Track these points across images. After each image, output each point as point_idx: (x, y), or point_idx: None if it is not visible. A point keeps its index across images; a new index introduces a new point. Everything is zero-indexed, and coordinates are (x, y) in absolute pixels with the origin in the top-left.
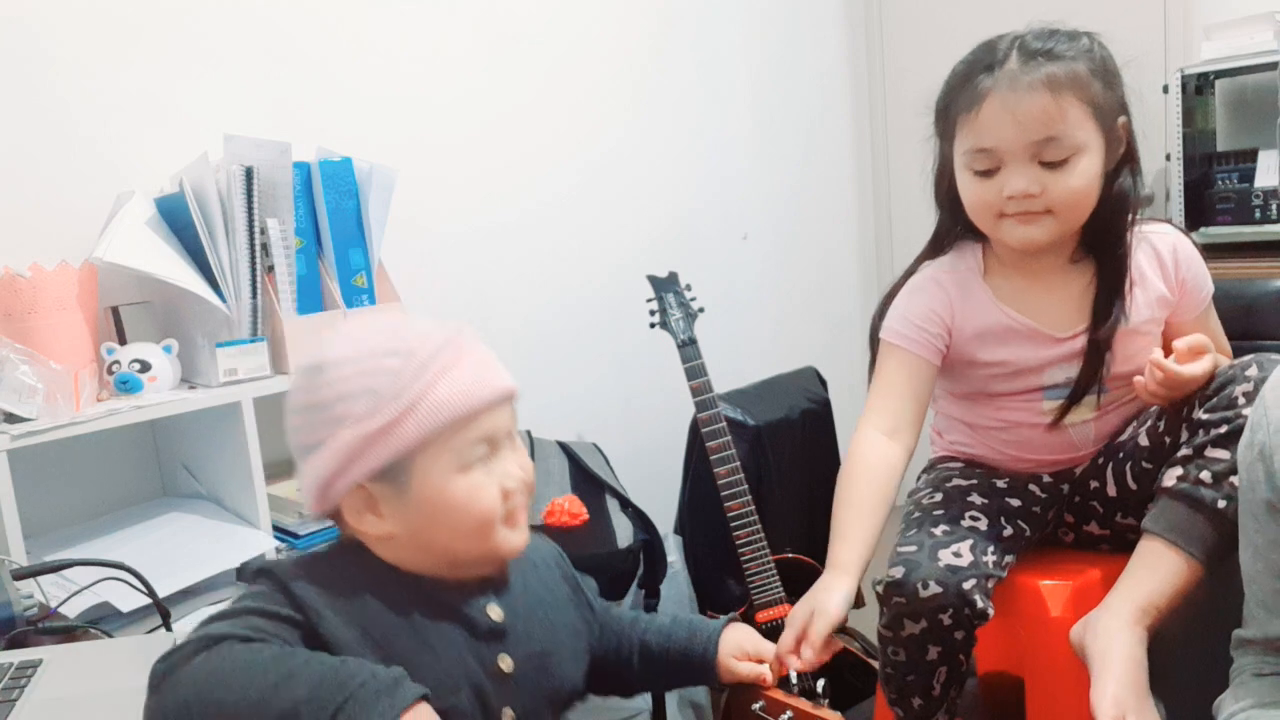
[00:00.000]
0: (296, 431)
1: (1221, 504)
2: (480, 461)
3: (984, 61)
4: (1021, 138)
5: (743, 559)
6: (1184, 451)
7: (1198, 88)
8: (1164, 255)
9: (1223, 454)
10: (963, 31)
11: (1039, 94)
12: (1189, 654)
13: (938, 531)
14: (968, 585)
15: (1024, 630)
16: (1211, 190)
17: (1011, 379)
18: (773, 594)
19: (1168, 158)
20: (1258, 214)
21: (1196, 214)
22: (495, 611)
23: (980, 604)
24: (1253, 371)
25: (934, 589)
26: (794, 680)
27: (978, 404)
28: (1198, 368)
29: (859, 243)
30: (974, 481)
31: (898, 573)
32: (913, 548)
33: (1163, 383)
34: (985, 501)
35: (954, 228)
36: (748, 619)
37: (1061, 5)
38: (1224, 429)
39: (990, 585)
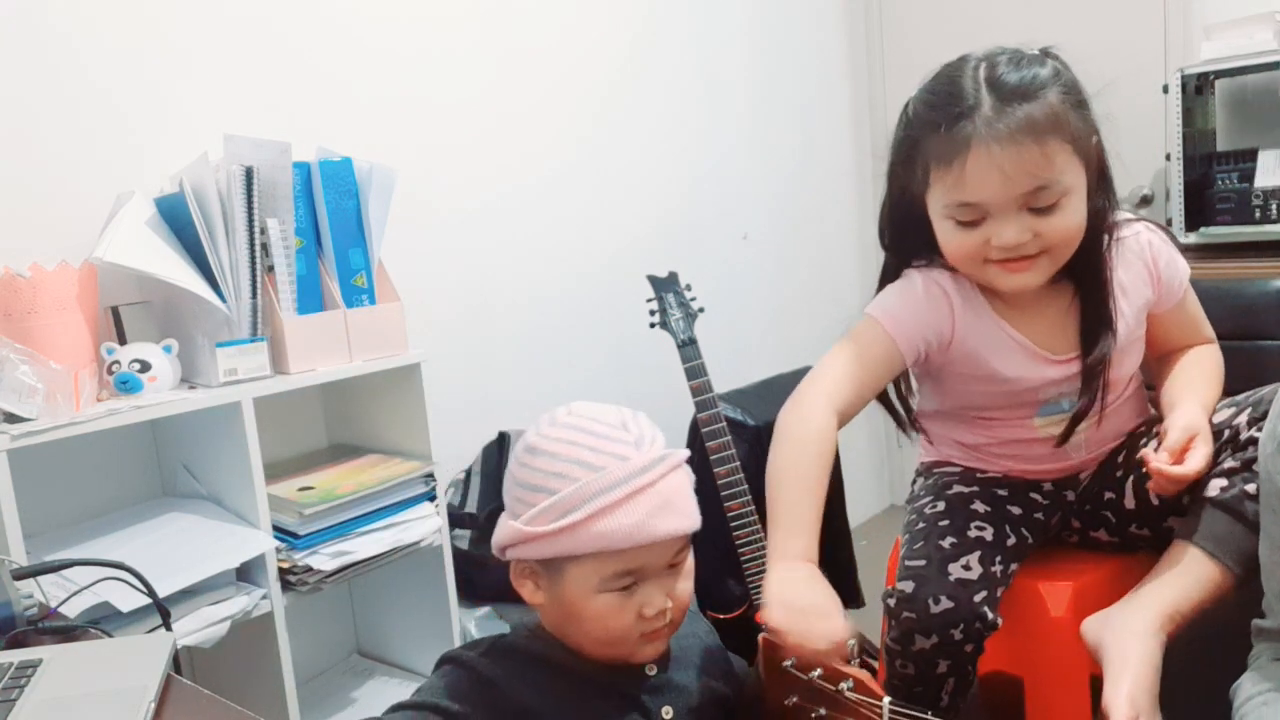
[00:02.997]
0: (505, 489)
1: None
2: (622, 589)
3: (954, 106)
4: (1010, 191)
5: (743, 559)
6: (1230, 464)
7: (1198, 88)
8: (1143, 255)
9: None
10: (962, 28)
11: (1025, 145)
12: (1190, 665)
13: (945, 544)
14: (978, 598)
15: (1024, 630)
16: (1211, 190)
17: (1006, 394)
18: None
19: (1168, 158)
20: (1258, 214)
21: (1196, 214)
22: (653, 668)
23: (990, 616)
24: None
25: (945, 604)
26: None
27: (967, 422)
28: (1199, 461)
29: (859, 242)
30: (975, 489)
31: (907, 587)
32: (921, 562)
33: (1174, 483)
34: (989, 510)
35: (897, 273)
36: (747, 619)
37: (1062, 5)
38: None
39: (999, 595)
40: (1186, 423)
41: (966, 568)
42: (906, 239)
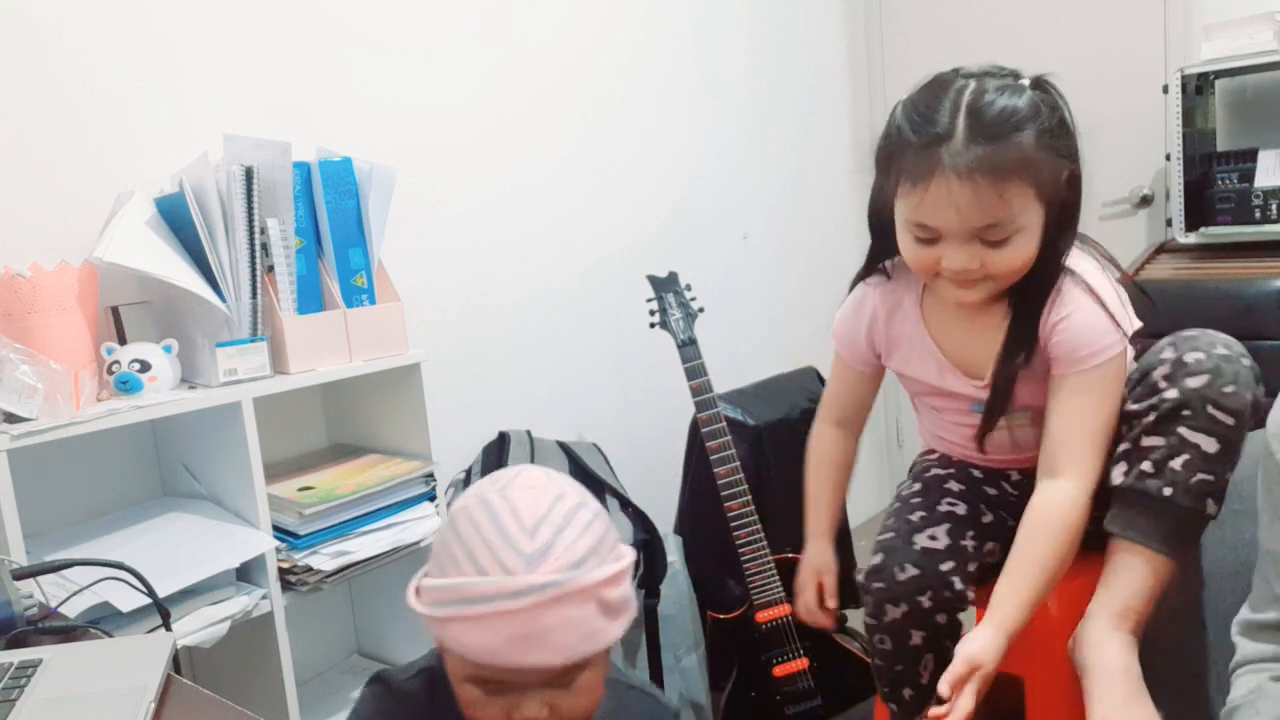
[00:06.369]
0: None
1: (1167, 491)
2: (489, 691)
3: (930, 127)
4: (963, 224)
5: (743, 559)
6: (1123, 446)
7: (1198, 88)
8: (1056, 310)
9: (1157, 440)
10: (963, 28)
11: (983, 185)
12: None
13: (914, 518)
14: (944, 567)
15: (1024, 630)
16: (1211, 190)
17: (934, 392)
18: (772, 594)
19: (1168, 158)
20: (1258, 214)
21: (1196, 214)
22: None
23: (959, 585)
24: (1168, 354)
25: (911, 571)
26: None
27: (925, 409)
28: (964, 706)
29: (859, 241)
30: (952, 470)
31: (877, 559)
32: (890, 534)
33: None
34: (963, 488)
35: (884, 254)
36: (747, 619)
37: (1062, 6)
38: (1152, 416)
39: (971, 569)
40: (970, 652)
41: (933, 538)
42: (885, 228)
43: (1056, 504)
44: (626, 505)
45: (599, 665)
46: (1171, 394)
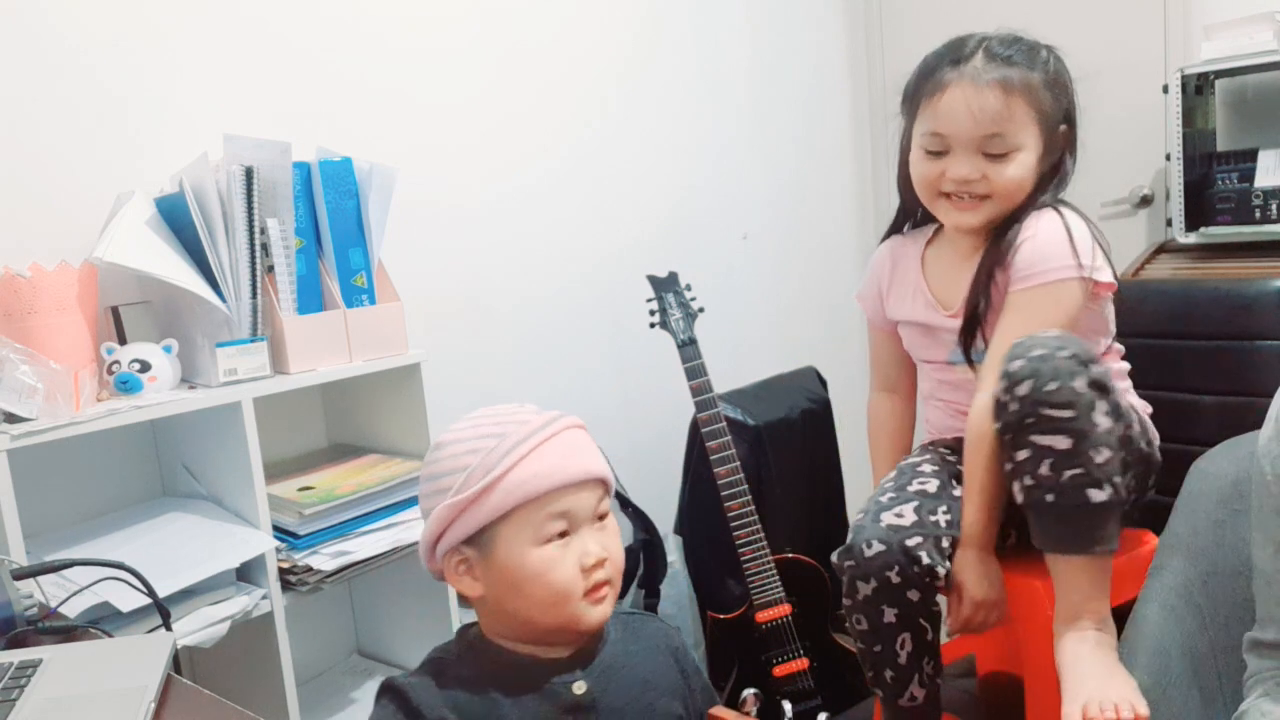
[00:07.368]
0: (420, 499)
1: (1049, 497)
2: (557, 538)
3: (951, 56)
4: (972, 129)
5: (743, 559)
6: (1008, 467)
7: (1198, 88)
8: (1024, 231)
9: (1024, 453)
10: (963, 28)
11: (994, 93)
12: None
13: (883, 499)
14: (911, 542)
15: (1023, 630)
16: (1211, 190)
17: (920, 333)
18: (773, 594)
19: (1168, 158)
20: (1258, 214)
21: (1196, 214)
22: (580, 686)
23: (927, 560)
24: (999, 367)
25: (877, 547)
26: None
27: (919, 366)
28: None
29: (859, 241)
30: (927, 456)
31: (848, 540)
32: (860, 515)
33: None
34: (935, 469)
35: (908, 216)
36: (747, 619)
37: (1062, 5)
38: (1010, 433)
39: (944, 544)
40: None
41: (899, 515)
42: (911, 188)
43: (972, 418)
44: (626, 505)
45: (608, 499)
46: (1013, 407)
